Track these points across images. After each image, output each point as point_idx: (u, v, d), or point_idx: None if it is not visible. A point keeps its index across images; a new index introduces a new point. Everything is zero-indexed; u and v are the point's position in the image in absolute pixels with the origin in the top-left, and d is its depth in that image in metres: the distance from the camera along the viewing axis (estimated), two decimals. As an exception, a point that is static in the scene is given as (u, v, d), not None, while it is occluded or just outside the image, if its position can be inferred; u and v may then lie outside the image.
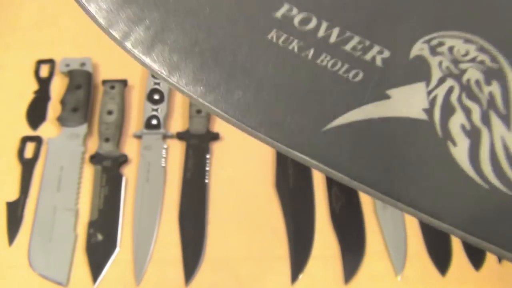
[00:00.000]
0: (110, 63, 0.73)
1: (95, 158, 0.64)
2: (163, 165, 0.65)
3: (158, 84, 0.68)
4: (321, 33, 0.22)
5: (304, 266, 0.58)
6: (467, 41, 0.21)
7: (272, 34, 0.22)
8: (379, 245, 0.60)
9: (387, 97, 0.20)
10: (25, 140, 0.66)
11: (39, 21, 0.78)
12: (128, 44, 0.23)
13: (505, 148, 0.19)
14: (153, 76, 0.70)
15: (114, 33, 0.23)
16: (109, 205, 0.62)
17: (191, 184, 0.64)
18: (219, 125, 0.68)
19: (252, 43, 0.22)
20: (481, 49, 0.20)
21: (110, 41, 0.25)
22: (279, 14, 0.22)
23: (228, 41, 0.22)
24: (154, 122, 0.67)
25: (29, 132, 0.67)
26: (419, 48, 0.21)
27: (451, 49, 0.21)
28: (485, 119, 0.19)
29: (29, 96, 0.70)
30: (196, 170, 0.64)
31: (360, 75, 0.21)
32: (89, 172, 0.64)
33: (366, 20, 0.22)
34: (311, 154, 0.20)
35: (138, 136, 0.67)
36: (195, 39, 0.22)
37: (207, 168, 0.65)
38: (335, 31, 0.22)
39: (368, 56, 0.21)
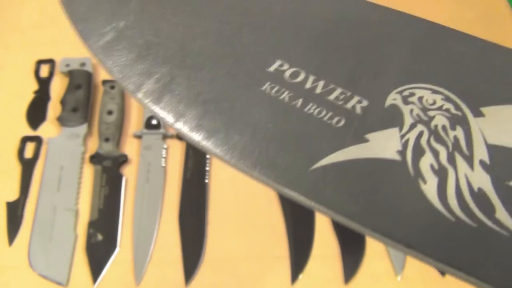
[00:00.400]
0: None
1: (95, 158, 0.64)
2: (163, 165, 0.65)
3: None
4: (308, 85, 0.25)
5: (304, 266, 0.58)
6: (434, 92, 0.24)
7: (266, 86, 0.25)
8: (379, 245, 0.59)
9: (366, 140, 0.23)
10: (25, 140, 0.66)
11: (39, 21, 0.78)
12: (140, 95, 0.26)
13: (469, 185, 0.22)
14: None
15: (127, 85, 0.26)
16: (109, 205, 0.62)
17: (191, 184, 0.64)
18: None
19: (248, 94, 0.25)
20: (447, 99, 0.24)
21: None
22: (272, 68, 0.26)
23: (228, 92, 0.25)
24: (154, 122, 0.67)
25: (29, 132, 0.67)
26: (393, 98, 0.24)
27: (420, 99, 0.24)
28: (451, 160, 0.22)
29: (29, 96, 0.70)
30: (196, 170, 0.64)
31: (343, 121, 0.24)
32: (89, 172, 0.64)
33: (347, 75, 0.25)
34: (299, 191, 0.23)
35: (138, 136, 0.67)
36: (199, 90, 0.26)
37: (207, 168, 0.65)
38: (321, 84, 0.25)
39: (349, 105, 0.24)
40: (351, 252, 0.59)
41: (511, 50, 0.25)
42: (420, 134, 0.23)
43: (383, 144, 0.23)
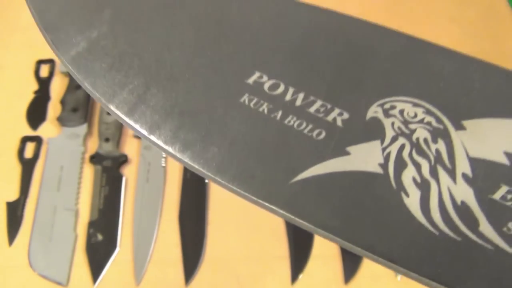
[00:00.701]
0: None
1: (95, 158, 0.64)
2: (163, 165, 0.65)
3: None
4: (288, 97, 0.25)
5: (304, 266, 0.58)
6: (415, 105, 0.24)
7: (245, 98, 0.25)
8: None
9: (347, 153, 0.23)
10: (25, 140, 0.66)
11: (39, 21, 0.78)
12: (112, 106, 0.25)
13: (452, 198, 0.21)
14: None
15: (99, 96, 0.25)
16: (109, 205, 0.62)
17: (191, 184, 0.64)
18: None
19: (226, 105, 0.25)
20: (428, 112, 0.24)
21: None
22: (251, 80, 0.25)
23: (205, 104, 0.25)
24: (154, 122, 0.67)
25: (29, 132, 0.67)
26: (374, 111, 0.24)
27: (402, 112, 0.24)
28: (433, 173, 0.22)
29: (29, 96, 0.70)
30: (196, 170, 0.64)
31: (323, 134, 0.24)
32: (89, 172, 0.64)
33: (327, 88, 0.25)
34: (279, 205, 0.22)
35: (138, 136, 0.67)
36: (175, 101, 0.25)
37: (207, 168, 0.64)
38: (301, 96, 0.25)
39: (329, 118, 0.24)
40: (351, 252, 0.58)
41: (490, 64, 0.25)
42: (402, 147, 0.23)
43: (365, 157, 0.23)
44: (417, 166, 0.22)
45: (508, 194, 0.21)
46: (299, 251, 0.59)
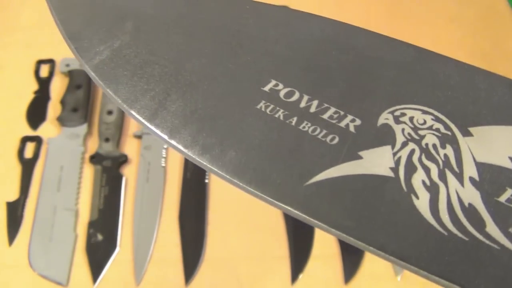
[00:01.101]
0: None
1: (95, 158, 0.65)
2: (163, 165, 0.65)
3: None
4: (302, 104, 0.26)
5: (304, 266, 0.58)
6: (424, 112, 0.25)
7: (261, 105, 0.26)
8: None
9: (360, 157, 0.24)
10: (25, 140, 0.66)
11: (39, 21, 0.78)
12: (134, 111, 0.26)
13: (460, 200, 0.22)
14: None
15: (121, 101, 0.27)
16: (109, 205, 0.62)
17: (191, 184, 0.64)
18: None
19: (243, 111, 0.26)
20: (436, 119, 0.25)
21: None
22: (267, 88, 0.27)
23: (223, 110, 0.26)
24: (154, 122, 0.67)
25: (29, 132, 0.67)
26: (385, 118, 0.25)
27: (411, 119, 0.25)
28: (442, 176, 0.23)
29: (29, 96, 0.70)
30: (196, 170, 0.64)
31: (336, 139, 0.25)
32: (89, 172, 0.64)
33: (339, 95, 0.26)
34: (294, 206, 0.23)
35: (138, 136, 0.67)
36: (194, 108, 0.26)
37: (207, 168, 0.64)
38: (315, 103, 0.26)
39: (342, 124, 0.25)
40: (351, 252, 0.59)
41: (494, 74, 0.26)
42: (412, 152, 0.24)
43: (376, 161, 0.24)
44: (427, 170, 0.23)
45: None
46: (299, 251, 0.59)
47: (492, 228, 0.21)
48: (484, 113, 0.25)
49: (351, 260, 0.58)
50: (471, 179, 0.23)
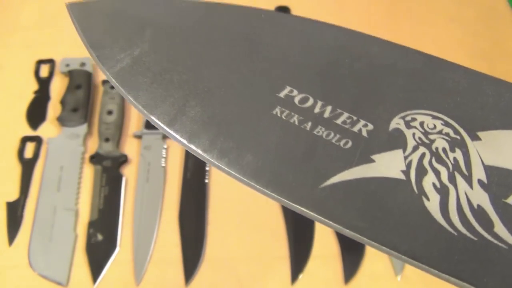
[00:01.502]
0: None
1: (95, 158, 0.65)
2: (163, 165, 0.65)
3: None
4: (317, 109, 0.27)
5: (304, 266, 0.58)
6: (434, 117, 0.26)
7: (277, 110, 0.27)
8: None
9: (372, 161, 0.25)
10: (25, 140, 0.66)
11: (39, 21, 0.78)
12: (154, 117, 0.27)
13: (469, 202, 0.23)
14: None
15: (142, 108, 0.28)
16: (109, 205, 0.62)
17: (191, 184, 0.64)
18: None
19: (260, 117, 0.27)
20: (446, 124, 0.26)
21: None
22: (282, 94, 0.27)
23: (240, 115, 0.27)
24: (154, 122, 0.67)
25: (29, 132, 0.67)
26: (396, 123, 0.26)
27: (422, 123, 0.26)
28: (452, 179, 0.24)
29: (29, 96, 0.70)
30: (196, 170, 0.64)
31: (350, 143, 0.25)
32: (89, 172, 0.64)
33: (352, 101, 0.27)
34: (310, 207, 0.24)
35: (138, 136, 0.67)
36: (212, 113, 0.27)
37: (207, 168, 0.65)
38: (328, 109, 0.27)
39: (355, 128, 0.26)
40: (351, 252, 0.59)
41: (501, 81, 0.27)
42: (423, 155, 0.25)
43: (388, 164, 0.25)
44: (437, 173, 0.24)
45: None
46: (299, 251, 0.59)
47: (500, 228, 0.22)
48: (492, 118, 0.26)
49: (351, 260, 0.58)
50: (480, 181, 0.24)
